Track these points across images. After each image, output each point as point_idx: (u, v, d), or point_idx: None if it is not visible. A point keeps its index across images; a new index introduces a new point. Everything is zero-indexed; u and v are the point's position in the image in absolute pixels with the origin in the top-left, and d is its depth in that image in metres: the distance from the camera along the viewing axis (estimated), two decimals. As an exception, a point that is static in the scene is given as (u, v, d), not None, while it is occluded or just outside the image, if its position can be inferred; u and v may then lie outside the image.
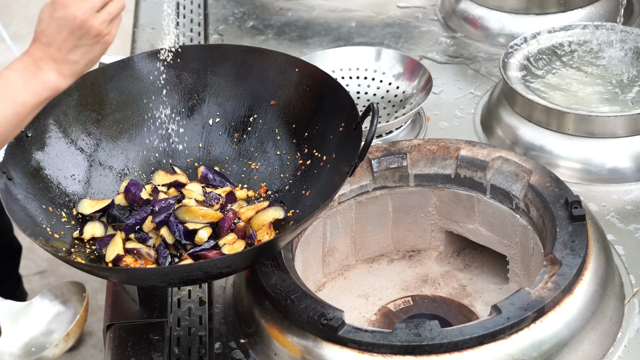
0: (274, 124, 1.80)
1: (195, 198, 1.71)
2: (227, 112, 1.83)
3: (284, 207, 1.69)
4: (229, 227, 1.67)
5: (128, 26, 3.37)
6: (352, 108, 1.68)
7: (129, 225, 1.67)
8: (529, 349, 1.48)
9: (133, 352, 1.62)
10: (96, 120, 1.78)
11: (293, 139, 1.78)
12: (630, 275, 1.71)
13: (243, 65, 1.83)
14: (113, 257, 1.63)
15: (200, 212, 1.67)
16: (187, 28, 2.54)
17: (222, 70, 1.83)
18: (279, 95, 1.80)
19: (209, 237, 1.66)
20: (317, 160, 1.73)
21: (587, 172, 1.94)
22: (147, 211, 1.68)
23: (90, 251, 1.66)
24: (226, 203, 1.73)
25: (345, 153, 1.65)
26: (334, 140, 1.71)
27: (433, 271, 1.88)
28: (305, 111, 1.77)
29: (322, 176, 1.71)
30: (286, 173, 1.77)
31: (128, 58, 1.82)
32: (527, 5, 2.37)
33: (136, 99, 1.81)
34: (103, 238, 1.68)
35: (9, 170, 1.63)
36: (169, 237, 1.66)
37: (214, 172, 1.79)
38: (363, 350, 1.48)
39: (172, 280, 1.52)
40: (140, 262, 1.64)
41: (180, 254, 1.66)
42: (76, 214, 1.71)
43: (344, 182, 1.59)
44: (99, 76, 1.79)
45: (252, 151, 1.81)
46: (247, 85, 1.82)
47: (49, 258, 3.63)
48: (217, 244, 1.66)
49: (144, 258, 1.64)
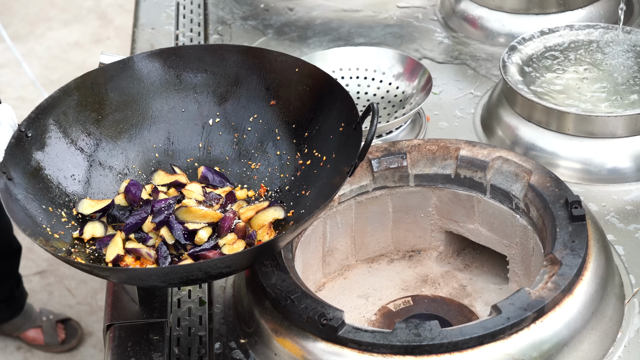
0: (274, 124, 1.80)
1: (196, 198, 1.71)
2: (227, 112, 1.83)
3: (284, 207, 1.70)
4: (229, 227, 1.67)
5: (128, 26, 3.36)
6: (352, 108, 1.68)
7: (129, 225, 1.67)
8: (529, 349, 1.48)
9: (133, 352, 1.62)
10: (96, 120, 1.78)
11: (293, 139, 1.78)
12: (630, 275, 1.71)
13: (243, 65, 1.83)
14: (113, 257, 1.63)
15: (200, 213, 1.67)
16: (187, 28, 2.54)
17: (221, 71, 1.83)
18: (279, 95, 1.80)
19: (209, 237, 1.66)
20: (317, 160, 1.73)
21: (587, 172, 1.94)
22: (147, 211, 1.68)
23: (90, 251, 1.66)
24: (226, 203, 1.73)
25: (346, 153, 1.65)
26: (334, 140, 1.71)
27: (433, 271, 1.88)
28: (305, 111, 1.77)
29: (322, 176, 1.71)
30: (286, 173, 1.77)
31: (128, 58, 1.82)
32: (527, 5, 2.36)
33: (136, 99, 1.81)
34: (103, 238, 1.68)
35: (9, 170, 1.63)
36: (169, 237, 1.66)
37: (214, 172, 1.79)
38: (363, 350, 1.48)
39: (172, 280, 1.52)
40: (139, 262, 1.64)
41: (180, 254, 1.66)
42: (76, 214, 1.70)
43: (344, 182, 1.59)
44: (99, 76, 1.79)
45: (252, 151, 1.81)
46: (246, 85, 1.82)
47: (49, 258, 3.63)
48: (217, 244, 1.66)
49: (144, 258, 1.64)
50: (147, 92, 1.82)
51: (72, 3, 5.10)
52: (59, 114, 1.74)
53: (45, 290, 3.53)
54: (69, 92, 1.74)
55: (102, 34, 4.85)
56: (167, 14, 2.60)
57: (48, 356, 3.32)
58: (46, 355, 3.32)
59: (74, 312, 3.42)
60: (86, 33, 4.86)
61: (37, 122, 1.70)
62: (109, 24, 4.92)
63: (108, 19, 4.96)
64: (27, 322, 3.29)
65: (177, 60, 1.83)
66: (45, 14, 5.01)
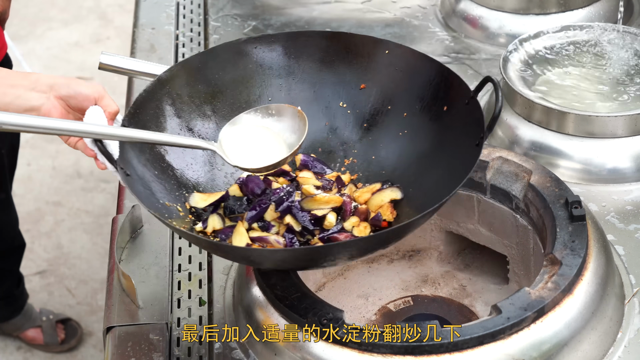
0: (367, 107, 1.77)
1: (313, 184, 1.70)
2: (320, 97, 1.79)
3: (399, 188, 1.68)
4: (351, 210, 1.67)
5: (128, 26, 3.37)
6: (459, 83, 1.65)
7: (253, 215, 1.66)
8: (529, 349, 1.48)
9: (133, 352, 1.62)
10: (212, 111, 1.76)
11: (389, 120, 1.76)
12: (630, 275, 1.71)
13: (328, 50, 1.79)
14: (242, 246, 1.62)
15: (324, 199, 1.66)
16: (187, 28, 2.55)
17: (306, 56, 1.80)
18: (370, 78, 1.77)
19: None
20: (419, 138, 1.71)
21: (587, 172, 1.94)
22: (268, 200, 1.67)
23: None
24: (338, 187, 1.72)
25: (459, 128, 1.63)
26: (435, 117, 1.69)
27: (433, 271, 1.88)
28: (399, 92, 1.74)
29: (429, 153, 1.69)
30: (386, 154, 1.75)
31: (212, 49, 1.79)
32: (527, 5, 2.37)
33: (229, 87, 1.77)
34: (224, 229, 1.66)
35: (127, 165, 1.59)
36: (295, 224, 1.65)
37: (312, 159, 1.76)
38: (363, 350, 1.48)
39: (330, 259, 1.51)
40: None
41: (307, 240, 1.65)
42: (189, 208, 1.68)
43: (479, 155, 1.55)
44: (212, 65, 1.76)
45: (347, 135, 1.78)
46: (334, 70, 1.79)
47: (49, 258, 3.63)
48: (343, 227, 1.66)
49: (271, 245, 1.63)
50: (258, 77, 1.79)
51: (72, 3, 5.10)
52: (154, 107, 1.70)
53: (45, 290, 3.53)
54: (173, 77, 1.71)
55: (102, 34, 4.85)
56: (167, 14, 2.60)
57: (48, 356, 3.32)
58: (46, 355, 3.32)
59: (74, 312, 3.42)
60: (86, 33, 4.86)
61: (135, 118, 1.65)
62: (109, 24, 4.92)
63: (108, 19, 4.96)
64: (27, 322, 3.29)
65: (261, 48, 1.78)
66: (45, 14, 5.01)
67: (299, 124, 1.67)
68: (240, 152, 1.65)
